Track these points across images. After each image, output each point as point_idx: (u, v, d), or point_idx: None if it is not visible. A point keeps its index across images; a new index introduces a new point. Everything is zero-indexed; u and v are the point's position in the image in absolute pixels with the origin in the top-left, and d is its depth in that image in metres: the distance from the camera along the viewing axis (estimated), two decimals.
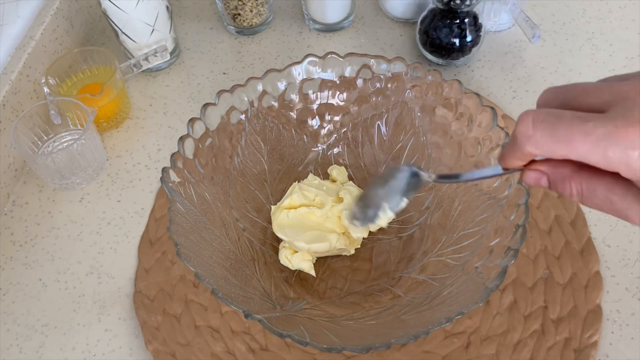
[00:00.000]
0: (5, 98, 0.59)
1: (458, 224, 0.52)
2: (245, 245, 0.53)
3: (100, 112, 0.63)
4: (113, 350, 0.51)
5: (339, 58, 0.56)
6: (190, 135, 0.51)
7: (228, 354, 0.50)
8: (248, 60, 0.73)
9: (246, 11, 0.72)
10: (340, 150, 0.60)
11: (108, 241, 0.58)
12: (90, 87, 0.65)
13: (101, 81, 0.64)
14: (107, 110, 0.64)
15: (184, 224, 0.47)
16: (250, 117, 0.56)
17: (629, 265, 0.54)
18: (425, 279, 0.51)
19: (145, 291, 0.53)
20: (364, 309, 0.50)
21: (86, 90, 0.64)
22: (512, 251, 0.43)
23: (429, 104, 0.56)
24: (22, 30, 0.65)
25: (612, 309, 0.51)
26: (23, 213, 0.60)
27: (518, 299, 0.51)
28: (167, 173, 0.48)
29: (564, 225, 0.55)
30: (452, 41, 0.67)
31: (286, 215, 0.52)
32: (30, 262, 0.57)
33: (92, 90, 0.62)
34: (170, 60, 0.72)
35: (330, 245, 0.51)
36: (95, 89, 0.62)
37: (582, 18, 0.75)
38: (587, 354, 0.48)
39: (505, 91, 0.68)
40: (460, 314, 0.41)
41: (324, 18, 0.74)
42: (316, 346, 0.42)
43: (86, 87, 0.65)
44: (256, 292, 0.49)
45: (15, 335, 0.52)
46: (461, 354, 0.49)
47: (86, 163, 0.60)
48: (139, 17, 0.66)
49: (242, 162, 0.56)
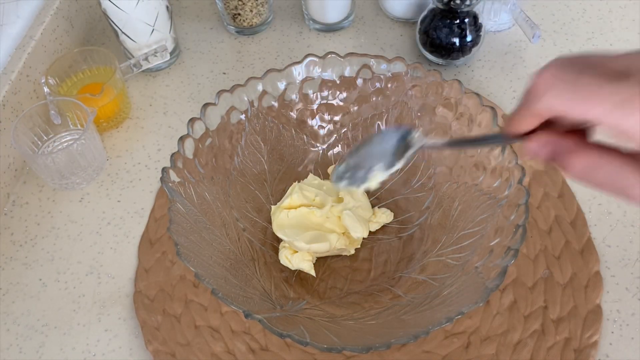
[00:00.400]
0: (5, 98, 0.59)
1: (458, 224, 0.52)
2: (245, 245, 0.53)
3: (100, 112, 0.63)
4: (113, 350, 0.51)
5: (339, 58, 0.56)
6: (190, 135, 0.51)
7: (228, 354, 0.50)
8: (248, 60, 0.73)
9: (246, 11, 0.72)
10: (340, 150, 0.60)
11: (108, 241, 0.58)
12: (90, 87, 0.65)
13: (101, 81, 0.64)
14: (107, 110, 0.64)
15: (184, 224, 0.47)
16: (250, 117, 0.56)
17: (629, 265, 0.54)
18: (425, 279, 0.51)
19: (145, 291, 0.53)
20: (364, 309, 0.50)
21: (86, 90, 0.64)
22: (512, 251, 0.43)
23: (429, 104, 0.56)
24: (22, 30, 0.65)
25: (612, 309, 0.51)
26: (23, 213, 0.60)
27: (518, 299, 0.51)
28: (167, 173, 0.48)
29: (564, 225, 0.55)
30: (452, 41, 0.67)
31: (286, 215, 0.52)
32: (30, 262, 0.57)
33: (92, 90, 0.62)
34: (170, 60, 0.72)
35: (330, 245, 0.51)
36: (95, 89, 0.62)
37: (582, 18, 0.75)
38: (587, 354, 0.48)
39: (505, 91, 0.68)
40: (460, 314, 0.41)
41: (324, 18, 0.74)
42: (316, 346, 0.42)
43: (86, 87, 0.65)
44: (256, 292, 0.49)
45: (15, 335, 0.52)
46: (461, 354, 0.49)
47: (86, 163, 0.60)
48: (139, 17, 0.66)
49: (242, 162, 0.56)
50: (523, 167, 0.47)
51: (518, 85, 0.68)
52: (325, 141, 0.60)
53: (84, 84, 0.66)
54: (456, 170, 0.55)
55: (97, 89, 0.62)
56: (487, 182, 0.51)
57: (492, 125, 0.51)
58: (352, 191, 0.53)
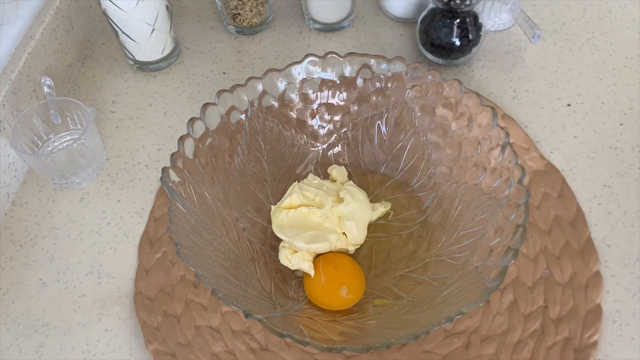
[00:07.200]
0: (5, 98, 0.59)
1: (458, 224, 0.52)
2: (245, 245, 0.53)
3: None
4: (113, 350, 0.51)
5: (339, 58, 0.56)
6: (190, 135, 0.51)
7: (228, 354, 0.50)
8: (248, 60, 0.73)
9: (246, 11, 0.72)
10: (340, 150, 0.60)
11: (108, 241, 0.58)
12: None
13: None
14: None
15: (184, 224, 0.47)
16: (250, 117, 0.56)
17: (629, 265, 0.54)
18: (426, 278, 0.51)
19: (146, 291, 0.53)
20: (364, 309, 0.50)
21: None
22: (512, 251, 0.43)
23: (429, 103, 0.56)
24: (22, 30, 0.65)
25: (612, 309, 0.51)
26: (23, 213, 0.60)
27: (518, 298, 0.51)
28: (167, 173, 0.48)
29: (564, 225, 0.55)
30: (452, 41, 0.67)
31: (286, 215, 0.52)
32: (30, 262, 0.57)
33: None
34: (170, 60, 0.72)
35: (330, 245, 0.51)
36: None
37: (582, 18, 0.75)
38: (587, 353, 0.48)
39: (505, 91, 0.68)
40: (460, 313, 0.41)
41: (324, 18, 0.74)
42: (316, 346, 0.42)
43: None
44: (256, 292, 0.49)
45: (15, 335, 0.52)
46: (461, 354, 0.49)
47: (86, 163, 0.60)
48: (139, 17, 0.66)
49: (242, 162, 0.56)
50: (523, 167, 0.47)
51: (518, 85, 0.68)
52: (325, 141, 0.60)
53: None
54: (456, 170, 0.55)
55: None
56: (487, 182, 0.51)
57: (492, 125, 0.51)
58: (352, 191, 0.53)
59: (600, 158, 0.61)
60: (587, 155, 0.61)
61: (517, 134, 0.62)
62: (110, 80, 0.72)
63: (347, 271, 0.51)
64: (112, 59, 0.74)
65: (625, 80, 0.67)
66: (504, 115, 0.64)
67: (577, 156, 0.61)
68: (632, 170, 0.60)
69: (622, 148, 0.62)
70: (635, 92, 0.66)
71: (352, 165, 0.60)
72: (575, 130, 0.63)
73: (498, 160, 0.50)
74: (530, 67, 0.70)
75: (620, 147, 0.62)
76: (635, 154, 0.61)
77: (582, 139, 0.63)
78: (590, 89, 0.67)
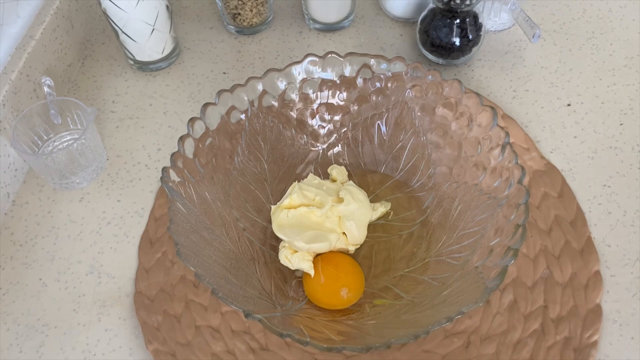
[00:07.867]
0: (5, 98, 0.59)
1: (458, 224, 0.52)
2: (245, 245, 0.53)
3: None
4: (113, 350, 0.51)
5: (339, 57, 0.56)
6: (190, 135, 0.51)
7: (228, 353, 0.50)
8: (248, 59, 0.73)
9: (246, 11, 0.72)
10: (340, 150, 0.60)
11: (108, 241, 0.58)
12: None
13: None
14: None
15: (184, 224, 0.47)
16: (250, 116, 0.56)
17: (629, 265, 0.54)
18: (426, 278, 0.51)
19: (146, 291, 0.53)
20: (364, 308, 0.50)
21: None
22: (512, 251, 0.43)
23: (429, 103, 0.56)
24: (22, 30, 0.65)
25: (612, 309, 0.51)
26: (23, 213, 0.60)
27: (518, 298, 0.51)
28: (167, 173, 0.48)
29: (564, 225, 0.55)
30: (452, 41, 0.67)
31: (286, 215, 0.52)
32: (30, 262, 0.57)
33: None
34: (171, 60, 0.72)
35: (330, 245, 0.51)
36: None
37: (582, 18, 0.75)
38: (587, 353, 0.48)
39: (505, 91, 0.68)
40: (460, 313, 0.41)
41: (324, 17, 0.74)
42: (316, 346, 0.42)
43: None
44: (256, 292, 0.49)
45: (15, 335, 0.52)
46: (461, 354, 0.49)
47: (86, 163, 0.60)
48: (139, 17, 0.66)
49: (242, 162, 0.56)
50: (523, 167, 0.47)
51: (518, 85, 0.68)
52: (325, 141, 0.60)
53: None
54: (456, 170, 0.55)
55: None
56: (487, 182, 0.51)
57: (492, 125, 0.51)
58: (352, 191, 0.53)
59: (600, 158, 0.61)
60: (587, 155, 0.61)
61: (517, 134, 0.62)
62: (110, 80, 0.72)
63: (347, 271, 0.51)
64: (112, 58, 0.74)
65: (625, 80, 0.67)
66: (504, 115, 0.64)
67: (577, 156, 0.61)
68: (632, 170, 0.60)
69: (622, 148, 0.62)
70: (635, 92, 0.66)
71: (352, 165, 0.60)
72: (575, 130, 0.63)
73: (498, 160, 0.50)
74: (530, 67, 0.70)
75: (620, 147, 0.62)
76: (635, 154, 0.61)
77: (582, 138, 0.63)
78: (590, 89, 0.67)
